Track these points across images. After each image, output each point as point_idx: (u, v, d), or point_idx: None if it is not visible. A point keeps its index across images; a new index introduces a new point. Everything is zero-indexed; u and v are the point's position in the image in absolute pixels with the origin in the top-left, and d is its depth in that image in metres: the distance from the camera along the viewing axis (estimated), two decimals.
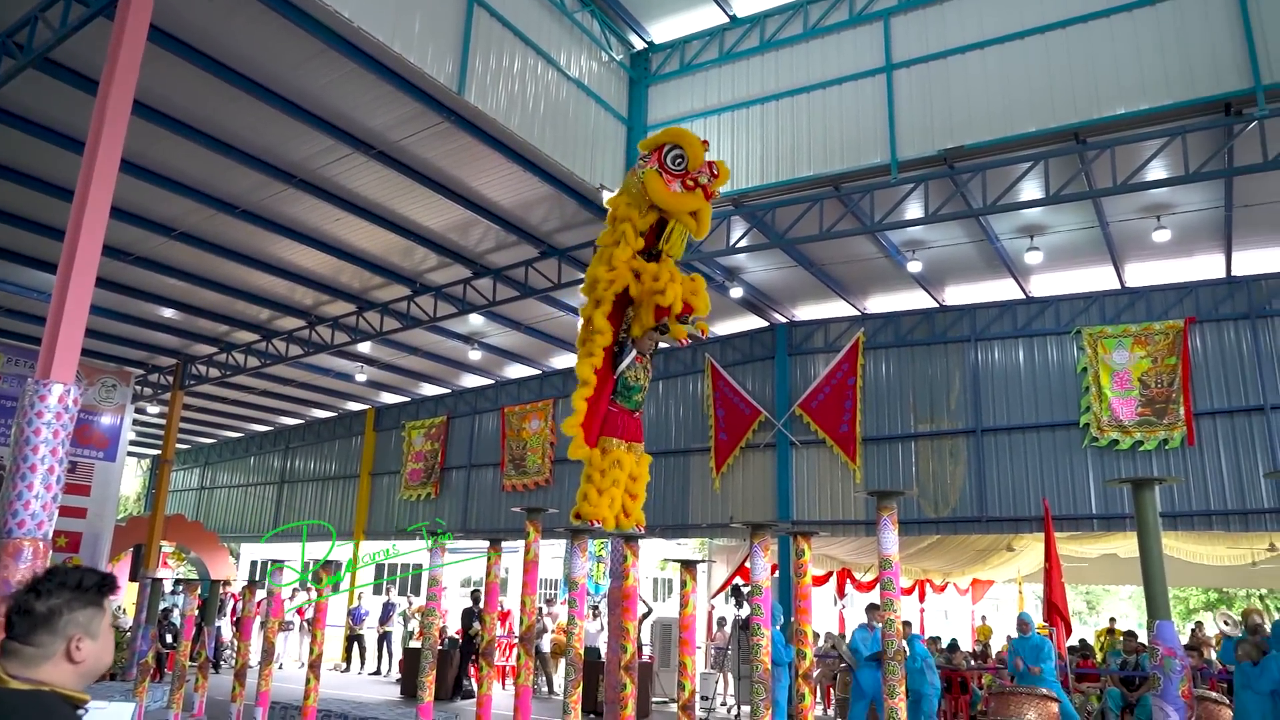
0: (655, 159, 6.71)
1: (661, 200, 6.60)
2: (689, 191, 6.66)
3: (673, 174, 6.64)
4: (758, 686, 5.97)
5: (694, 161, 6.68)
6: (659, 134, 7.01)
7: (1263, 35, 9.15)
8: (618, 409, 7.01)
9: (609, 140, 12.71)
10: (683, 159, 6.67)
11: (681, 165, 6.67)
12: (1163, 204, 11.54)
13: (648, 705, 13.41)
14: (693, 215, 6.72)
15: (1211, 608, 31.78)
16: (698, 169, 6.68)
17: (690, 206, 6.66)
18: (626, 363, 6.99)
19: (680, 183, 6.63)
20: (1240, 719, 8.35)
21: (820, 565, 18.67)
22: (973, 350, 14.76)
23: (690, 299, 6.78)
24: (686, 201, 6.65)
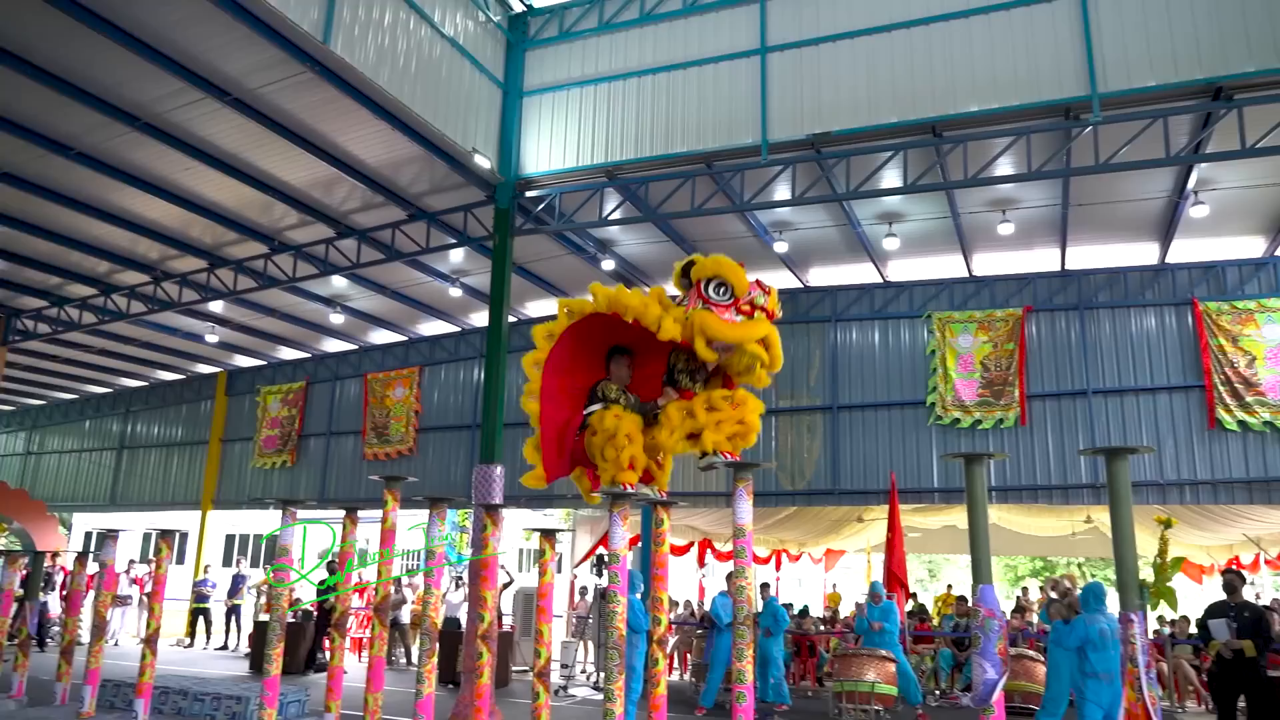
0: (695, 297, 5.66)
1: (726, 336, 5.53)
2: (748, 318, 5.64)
3: (722, 305, 5.62)
4: (612, 652, 6.08)
5: (740, 287, 5.63)
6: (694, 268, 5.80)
7: (1101, 47, 9.86)
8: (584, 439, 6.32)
9: (483, 103, 12.43)
10: (727, 288, 5.61)
11: (728, 295, 5.61)
12: (1008, 199, 12.32)
13: (507, 674, 13.44)
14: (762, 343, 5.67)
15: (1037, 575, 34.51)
16: (746, 293, 5.65)
17: (758, 334, 5.61)
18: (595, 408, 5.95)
19: (734, 310, 5.64)
20: (1051, 673, 9.19)
21: (682, 536, 19.14)
22: (833, 330, 15.39)
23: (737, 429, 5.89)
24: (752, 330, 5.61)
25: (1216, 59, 9.44)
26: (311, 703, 8.96)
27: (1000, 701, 5.03)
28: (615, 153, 12.11)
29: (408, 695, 7.46)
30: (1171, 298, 13.72)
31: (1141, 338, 13.80)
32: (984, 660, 5.15)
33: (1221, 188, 11.71)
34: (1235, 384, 13.01)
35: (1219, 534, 16.49)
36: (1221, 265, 13.57)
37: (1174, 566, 5.86)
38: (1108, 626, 7.81)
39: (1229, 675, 8.55)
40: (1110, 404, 13.75)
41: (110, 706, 8.51)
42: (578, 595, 16.62)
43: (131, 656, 12.09)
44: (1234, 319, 13.24)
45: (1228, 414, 12.96)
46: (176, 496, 22.47)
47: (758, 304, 5.67)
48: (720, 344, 5.58)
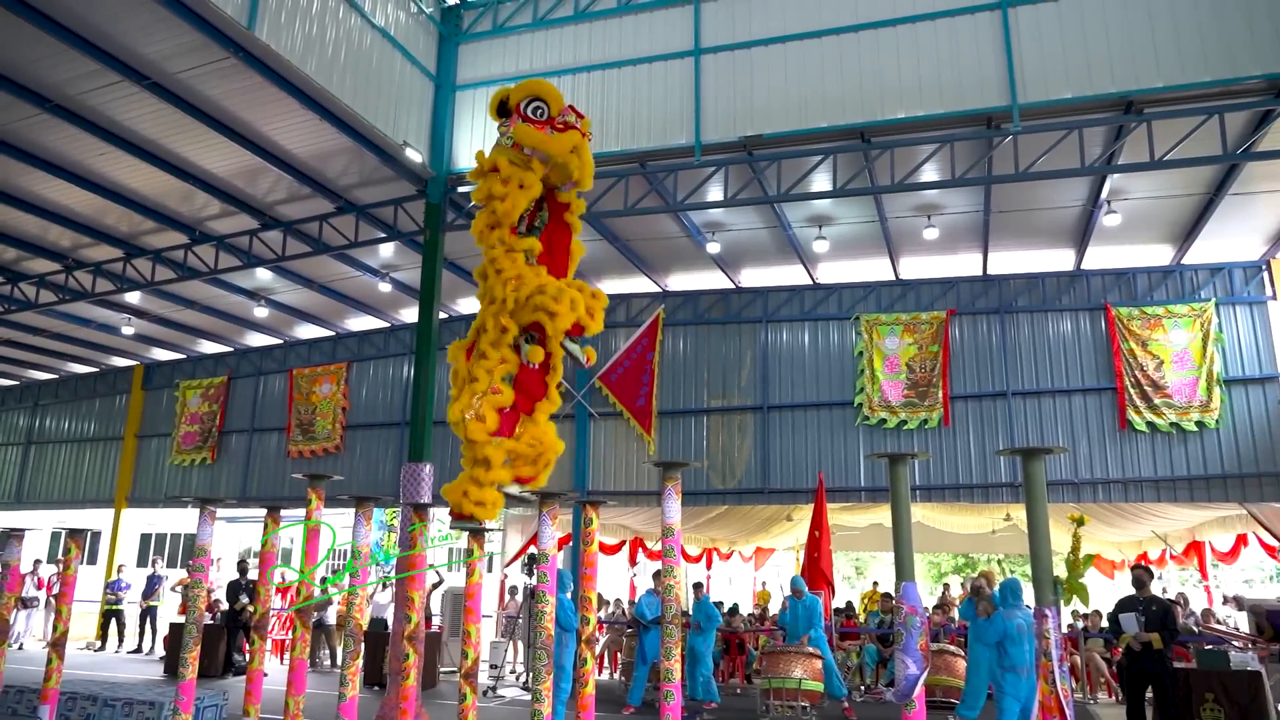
0: (516, 118, 6.12)
1: (540, 144, 5.95)
2: (561, 133, 6.05)
3: (538, 123, 6.06)
4: (541, 652, 6.05)
5: (556, 106, 6.07)
6: (513, 89, 6.26)
7: (1021, 59, 10.18)
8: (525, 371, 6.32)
9: (415, 96, 12.22)
10: (543, 108, 6.20)
11: (544, 114, 6.18)
12: (933, 205, 12.64)
13: (435, 675, 13.25)
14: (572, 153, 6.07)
15: (959, 571, 35.49)
16: (561, 112, 6.10)
17: (569, 144, 6.03)
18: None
19: (550, 128, 6.05)
20: (971, 668, 9.46)
21: (614, 535, 19.13)
22: (763, 331, 15.58)
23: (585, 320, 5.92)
24: (565, 141, 6.02)
25: (1128, 74, 9.85)
26: (230, 707, 8.69)
27: (921, 696, 5.16)
28: None
29: (331, 698, 7.30)
30: (1086, 303, 14.26)
31: (1058, 341, 14.31)
32: (906, 656, 5.27)
33: (1132, 198, 12.21)
34: (1144, 386, 13.58)
35: (1129, 531, 17.20)
36: (1132, 272, 14.16)
37: (1086, 563, 6.08)
38: (1024, 622, 8.08)
39: (1138, 667, 8.91)
40: (1029, 405, 14.22)
41: (13, 713, 8.12)
42: (507, 595, 16.48)
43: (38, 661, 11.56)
44: (1143, 324, 13.82)
45: (1137, 415, 13.53)
46: (89, 494, 21.54)
47: (570, 122, 6.14)
48: (535, 152, 6.00)
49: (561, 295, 5.84)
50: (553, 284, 5.98)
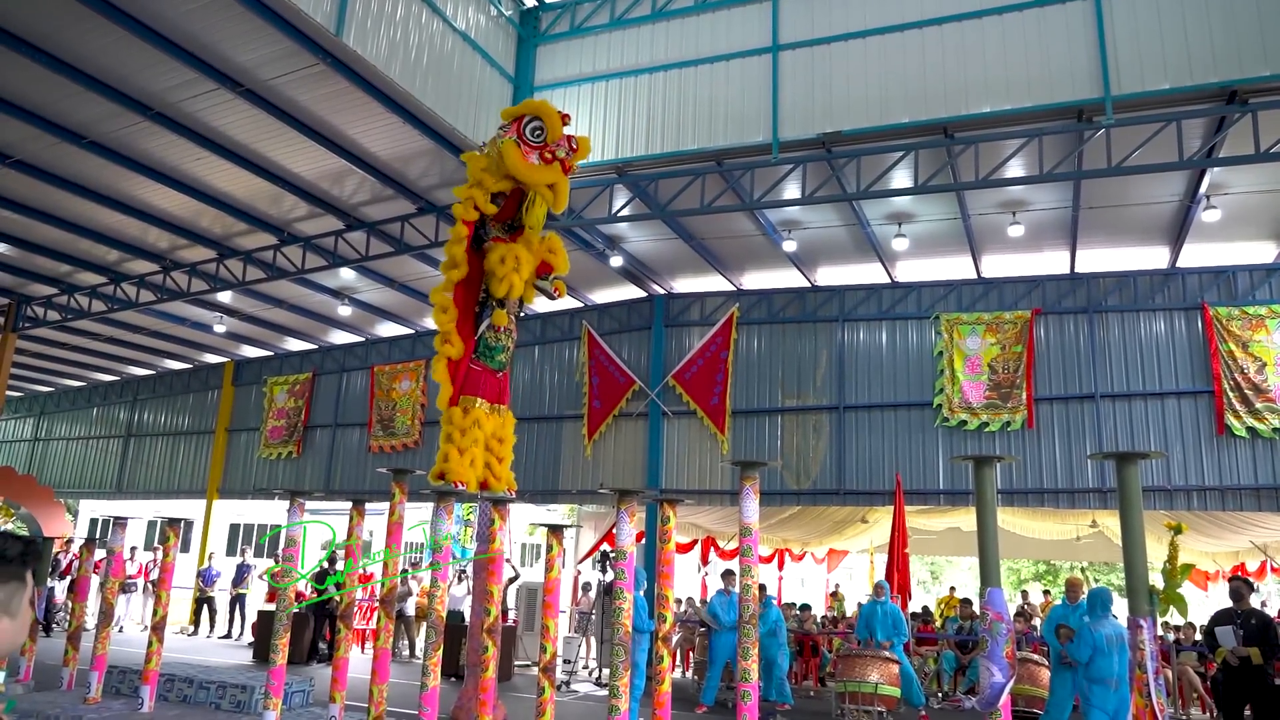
0: (515, 129, 6.66)
1: (517, 171, 6.60)
2: (546, 164, 6.66)
3: (531, 145, 6.63)
4: (618, 649, 6.09)
5: (553, 134, 6.65)
6: (520, 105, 7.02)
7: (1114, 49, 9.81)
8: (480, 368, 6.90)
9: (494, 97, 12.42)
10: (542, 131, 6.64)
11: (541, 137, 6.64)
12: (1018, 201, 12.27)
13: (510, 668, 13.46)
14: (550, 188, 6.79)
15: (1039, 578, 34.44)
16: (556, 142, 6.66)
17: (547, 179, 6.69)
18: (486, 324, 6.94)
19: (539, 155, 6.63)
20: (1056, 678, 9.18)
21: (686, 533, 19.12)
22: (840, 330, 15.36)
23: (548, 257, 6.98)
24: (543, 174, 6.67)
25: (1230, 62, 9.39)
26: (315, 693, 8.98)
27: (1006, 705, 5.03)
28: (625, 149, 12.11)
29: (410, 687, 7.48)
30: (1181, 302, 13.65)
31: (1151, 342, 13.74)
32: (991, 663, 5.14)
33: (1234, 192, 11.65)
34: (1245, 390, 12.95)
35: (1226, 540, 16.41)
36: (1232, 270, 13.50)
37: (1184, 573, 5.85)
38: (1113, 632, 7.80)
39: (1235, 682, 8.51)
40: (1118, 408, 13.69)
41: (116, 693, 8.54)
42: (580, 591, 16.62)
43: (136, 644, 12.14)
44: (1244, 324, 13.17)
45: (1237, 420, 12.91)
46: (182, 485, 22.54)
47: (559, 156, 6.66)
48: (511, 175, 6.61)
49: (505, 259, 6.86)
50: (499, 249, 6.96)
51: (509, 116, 6.79)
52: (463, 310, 7.00)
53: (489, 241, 7.00)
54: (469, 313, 7.03)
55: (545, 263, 6.95)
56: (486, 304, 7.00)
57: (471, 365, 6.84)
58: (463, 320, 6.97)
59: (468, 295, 7.05)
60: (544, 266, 6.97)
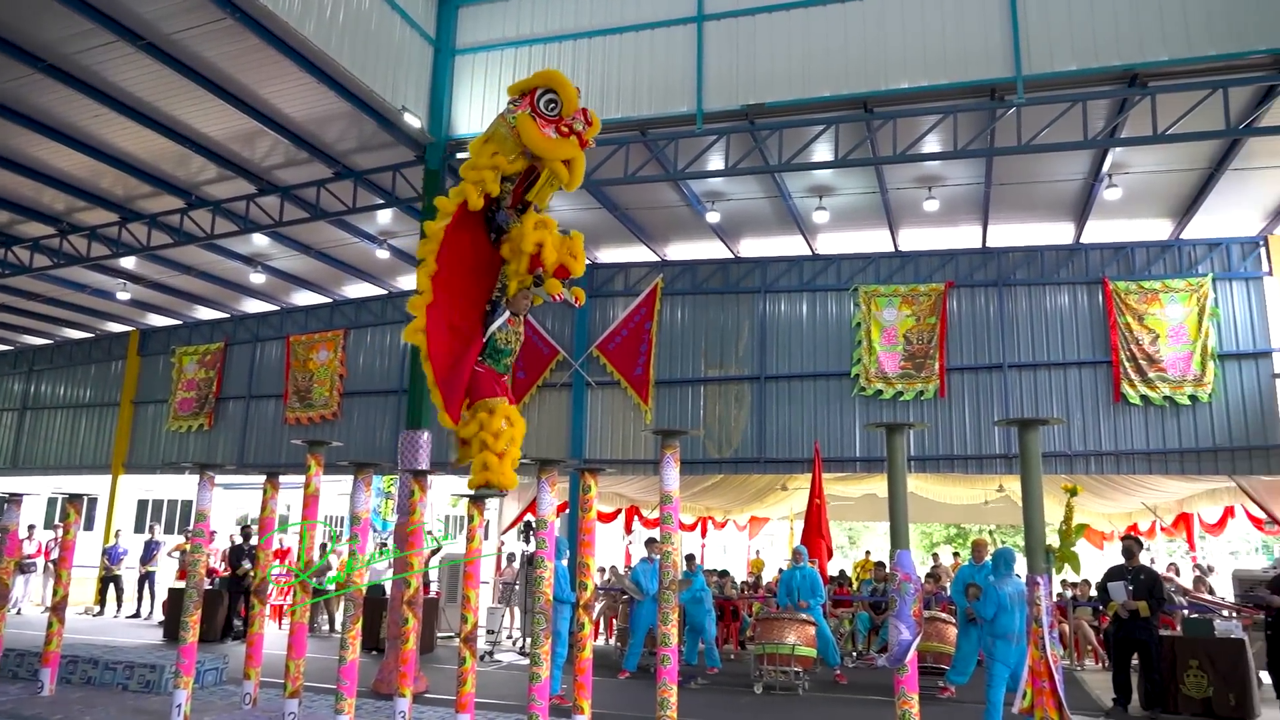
0: (526, 103, 6.11)
1: (536, 145, 6.01)
2: (563, 138, 6.08)
3: (546, 119, 6.07)
4: (538, 617, 6.12)
5: (568, 106, 6.07)
6: (530, 77, 6.30)
7: (1027, 29, 10.09)
8: (485, 370, 6.39)
9: (414, 60, 12.09)
10: (556, 104, 6.04)
11: (555, 110, 6.04)
12: (934, 176, 12.59)
13: (433, 640, 13.40)
14: (566, 164, 6.15)
15: (951, 541, 35.83)
16: (572, 115, 6.10)
17: (564, 154, 6.09)
18: (498, 324, 6.36)
19: (554, 128, 6.07)
20: (962, 634, 9.61)
21: (610, 503, 19.26)
22: (762, 301, 15.58)
23: (568, 261, 6.29)
24: (561, 148, 6.07)
25: (1133, 47, 9.77)
26: (230, 670, 8.78)
27: (913, 662, 5.24)
28: None
29: (330, 662, 7.38)
30: (1084, 276, 14.27)
31: (1055, 314, 14.34)
32: (900, 622, 5.34)
33: (1134, 172, 12.18)
34: (1140, 360, 13.64)
35: (1120, 502, 17.36)
36: (1131, 246, 14.15)
37: (1078, 533, 6.14)
38: (1015, 590, 8.18)
39: (1125, 634, 9.07)
40: (1024, 377, 14.29)
41: (13, 677, 8.19)
42: (504, 562, 16.62)
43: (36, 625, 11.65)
44: (1141, 298, 13.85)
45: (1131, 389, 13.60)
46: (85, 460, 21.59)
47: (576, 129, 6.11)
48: (530, 152, 6.05)
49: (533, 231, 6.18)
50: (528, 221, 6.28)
51: (517, 90, 6.22)
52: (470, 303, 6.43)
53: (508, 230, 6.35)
54: (478, 307, 6.52)
55: (563, 266, 6.29)
56: (499, 302, 6.39)
57: (477, 368, 6.29)
58: (472, 313, 6.36)
59: (477, 290, 6.43)
60: (561, 271, 6.30)
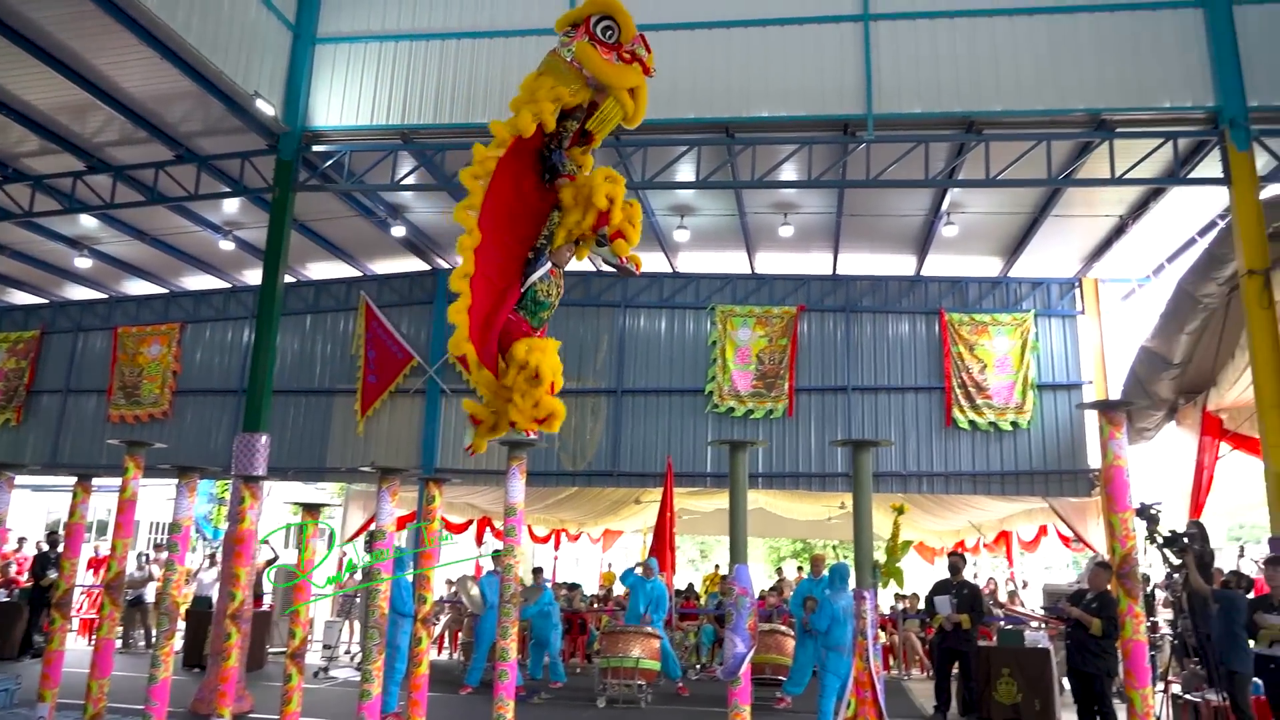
0: (583, 32, 5.62)
1: (602, 73, 5.53)
2: (626, 64, 5.62)
3: (606, 46, 5.59)
4: (372, 631, 5.90)
5: (627, 32, 5.63)
6: (582, 6, 5.75)
7: (879, 72, 10.66)
8: (517, 319, 5.75)
9: (270, 44, 11.52)
10: (614, 29, 5.58)
11: (613, 36, 5.59)
12: (790, 203, 13.09)
13: (263, 656, 12.68)
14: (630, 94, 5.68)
15: (797, 556, 37.12)
16: (631, 40, 5.64)
17: (631, 81, 5.63)
18: (539, 274, 5.78)
19: (616, 55, 5.61)
20: (799, 647, 9.95)
21: (462, 514, 18.89)
22: (622, 315, 15.72)
23: (626, 228, 5.80)
24: (626, 75, 5.61)
25: (971, 96, 10.50)
26: (23, 691, 8.01)
27: (747, 674, 5.37)
28: (413, 115, 11.65)
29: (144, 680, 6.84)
30: (924, 306, 15.18)
31: (896, 341, 15.18)
32: (734, 635, 5.46)
33: (969, 212, 13.07)
34: (969, 387, 14.61)
35: (949, 520, 18.51)
36: (965, 281, 15.17)
37: (904, 549, 6.50)
38: (848, 604, 8.55)
39: (947, 645, 9.64)
40: (866, 400, 15.03)
41: None
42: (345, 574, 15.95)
43: None
44: (972, 329, 14.86)
45: (961, 414, 14.55)
46: None
47: (638, 54, 5.67)
48: (595, 80, 5.54)
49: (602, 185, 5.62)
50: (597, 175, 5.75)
51: (567, 22, 5.69)
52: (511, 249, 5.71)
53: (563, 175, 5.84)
54: (518, 255, 5.78)
55: (620, 231, 5.78)
56: (544, 251, 5.81)
57: (510, 316, 5.64)
58: (509, 262, 5.68)
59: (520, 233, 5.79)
60: (615, 234, 5.78)
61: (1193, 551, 8.20)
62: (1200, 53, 10.15)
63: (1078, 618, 8.06)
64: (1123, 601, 4.78)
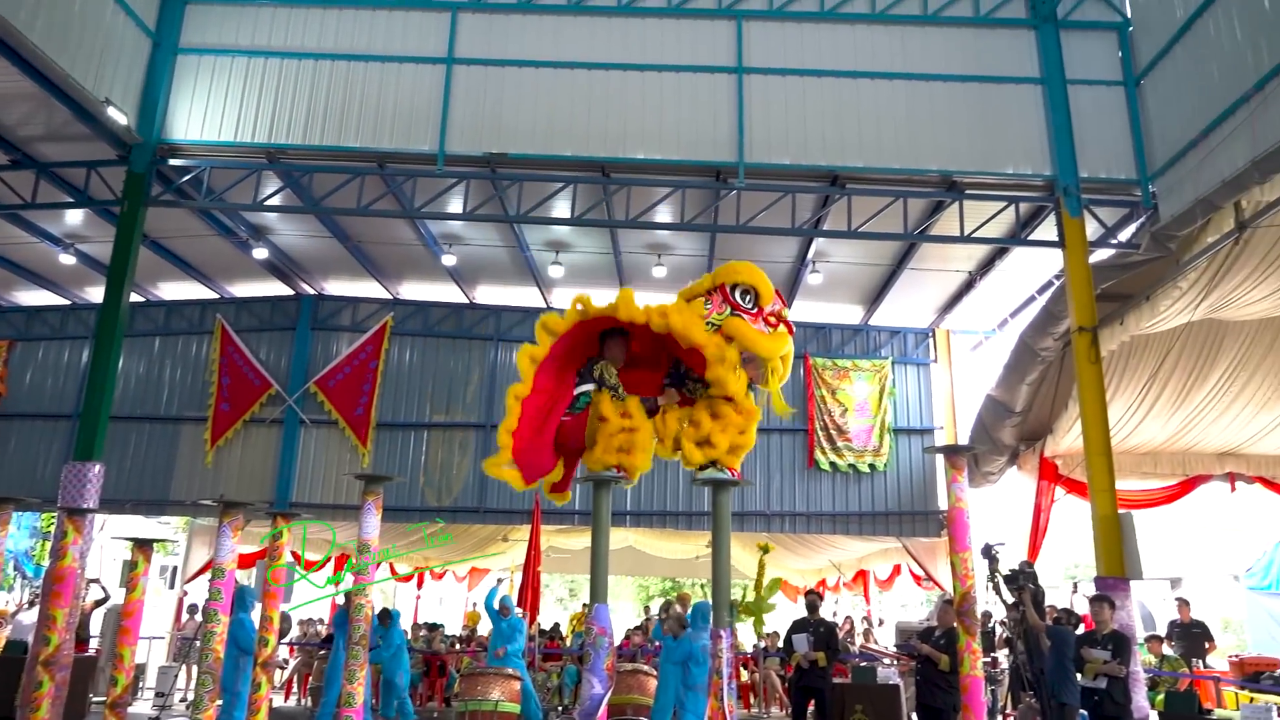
0: (720, 300, 5.64)
1: (756, 345, 5.57)
2: (774, 330, 5.70)
3: (750, 313, 5.66)
4: (205, 677, 5.51)
5: (766, 297, 5.67)
6: (720, 272, 5.80)
7: (750, 122, 11.05)
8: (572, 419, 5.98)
9: (127, 50, 10.90)
10: (753, 296, 5.65)
11: (754, 303, 5.66)
12: (663, 245, 13.32)
13: (85, 705, 11.58)
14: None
15: (665, 594, 37.22)
16: (771, 303, 5.70)
17: (781, 349, 5.74)
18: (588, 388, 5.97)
19: (762, 321, 5.67)
20: (660, 686, 9.89)
21: (320, 550, 18.03)
22: (494, 349, 15.53)
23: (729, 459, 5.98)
24: (779, 343, 5.70)
25: (836, 151, 11.02)
26: None
27: (604, 715, 5.30)
28: (281, 134, 11.24)
29: None
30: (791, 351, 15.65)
31: None
32: (592, 675, 5.40)
33: (833, 261, 13.65)
34: (831, 430, 15.15)
35: (811, 559, 19.02)
36: (829, 327, 15.79)
37: (771, 588, 6.57)
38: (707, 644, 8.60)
39: (804, 682, 9.80)
40: None
41: None
42: (185, 614, 14.91)
43: None
44: (834, 374, 15.45)
45: (823, 455, 15.05)
46: None
47: (783, 316, 5.76)
48: (750, 355, 5.62)
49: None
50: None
51: (691, 294, 5.75)
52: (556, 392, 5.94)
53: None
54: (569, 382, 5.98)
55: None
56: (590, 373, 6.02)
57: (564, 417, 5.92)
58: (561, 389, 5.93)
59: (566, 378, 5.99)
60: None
61: (1029, 590, 8.70)
62: (1040, 125, 11.02)
63: (927, 654, 8.37)
64: (961, 638, 5.02)
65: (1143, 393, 11.72)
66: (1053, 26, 11.21)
